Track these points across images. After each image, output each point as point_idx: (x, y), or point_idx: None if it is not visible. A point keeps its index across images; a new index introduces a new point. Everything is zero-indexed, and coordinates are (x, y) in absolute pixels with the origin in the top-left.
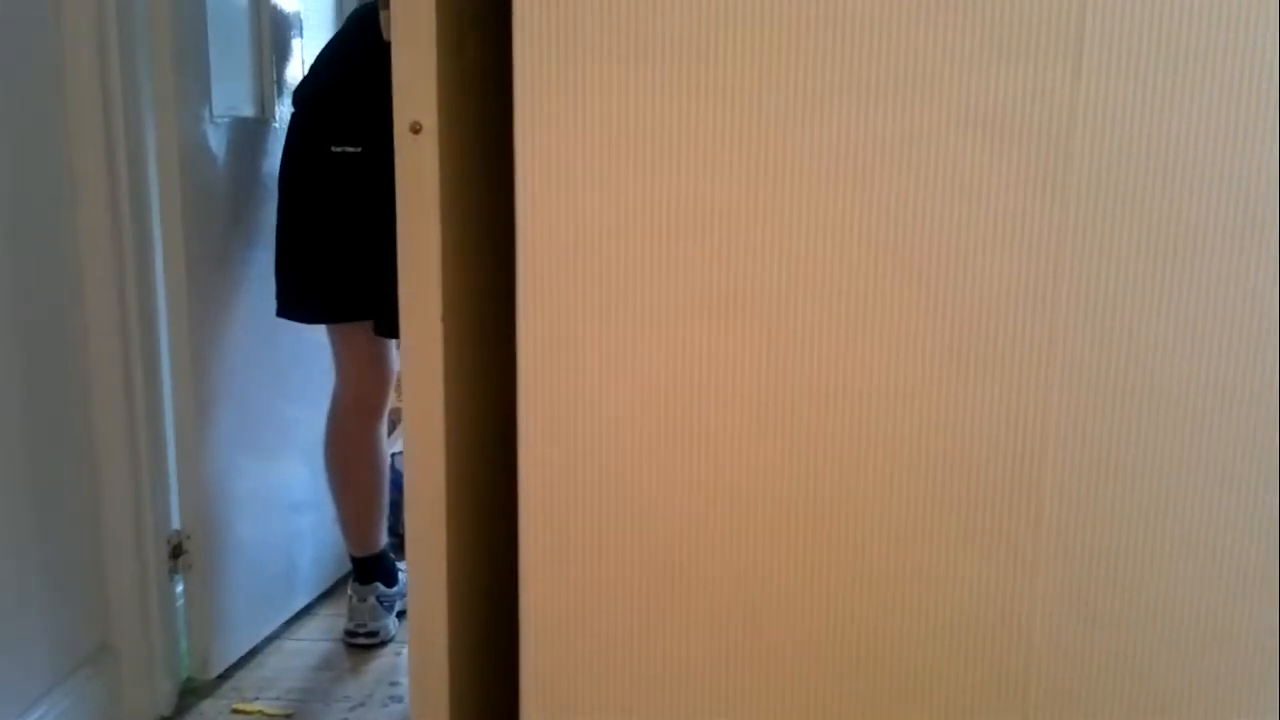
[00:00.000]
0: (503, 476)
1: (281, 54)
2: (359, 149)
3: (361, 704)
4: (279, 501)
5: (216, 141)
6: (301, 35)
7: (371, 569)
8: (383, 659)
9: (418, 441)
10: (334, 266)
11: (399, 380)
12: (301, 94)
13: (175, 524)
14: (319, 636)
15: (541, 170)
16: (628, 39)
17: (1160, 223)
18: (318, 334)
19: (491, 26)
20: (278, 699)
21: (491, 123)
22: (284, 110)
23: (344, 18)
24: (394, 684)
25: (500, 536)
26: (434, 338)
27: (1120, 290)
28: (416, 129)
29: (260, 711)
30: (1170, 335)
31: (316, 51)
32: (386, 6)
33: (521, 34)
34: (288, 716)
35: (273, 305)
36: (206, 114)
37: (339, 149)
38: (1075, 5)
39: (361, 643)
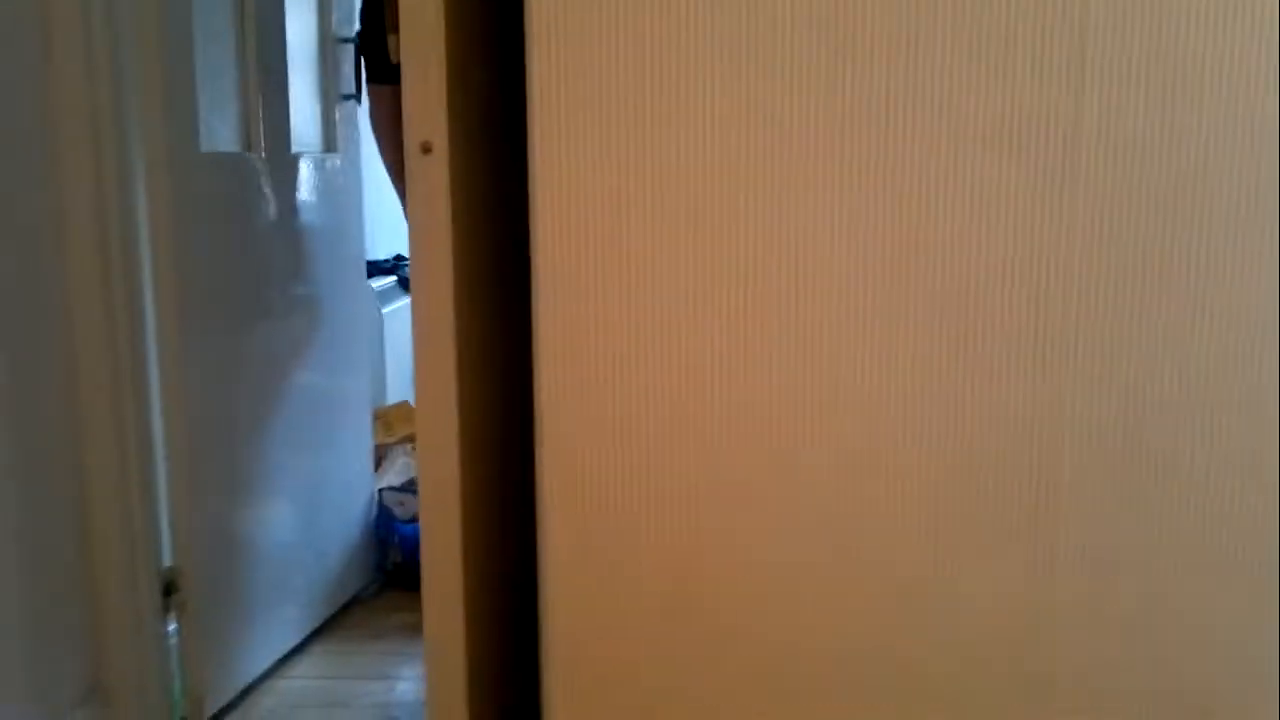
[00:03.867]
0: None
1: (268, 92)
2: None
3: None
4: (270, 541)
5: (203, 178)
6: (287, 78)
7: None
8: (376, 694)
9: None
10: None
11: (386, 416)
12: None
13: (167, 561)
14: (313, 674)
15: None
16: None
17: (1163, 225)
18: (307, 376)
19: (495, 48)
20: None
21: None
22: (267, 146)
23: (329, 57)
24: (392, 718)
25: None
26: (448, 345)
27: (1128, 288)
28: (427, 149)
29: None
30: (1180, 330)
31: (304, 91)
32: (395, 31)
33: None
34: None
35: (264, 341)
36: (193, 150)
37: None
38: (1077, 24)
39: None
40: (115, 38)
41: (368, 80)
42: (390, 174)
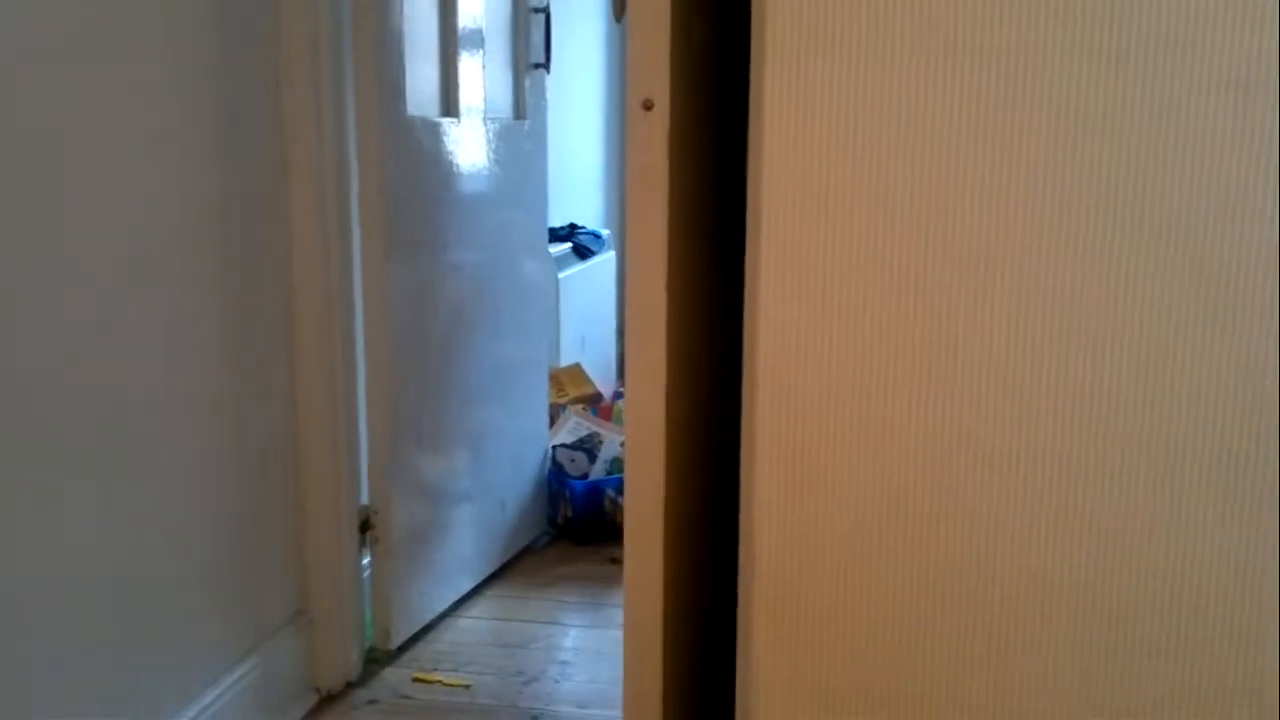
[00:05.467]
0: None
1: (466, 61)
2: None
3: (534, 679)
4: (453, 488)
5: (407, 138)
6: (483, 47)
7: None
8: (551, 637)
9: (639, 396)
10: None
11: (559, 378)
12: None
13: (364, 500)
14: (490, 616)
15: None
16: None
17: None
18: (491, 334)
19: (715, 9)
20: (455, 671)
21: (712, 99)
22: (468, 109)
23: (521, 27)
24: (564, 662)
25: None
26: (659, 304)
27: None
28: (648, 105)
29: (440, 681)
30: None
31: (498, 59)
32: None
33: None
34: (466, 687)
35: (454, 298)
36: (401, 113)
37: None
38: None
39: None
40: (335, 7)
41: None
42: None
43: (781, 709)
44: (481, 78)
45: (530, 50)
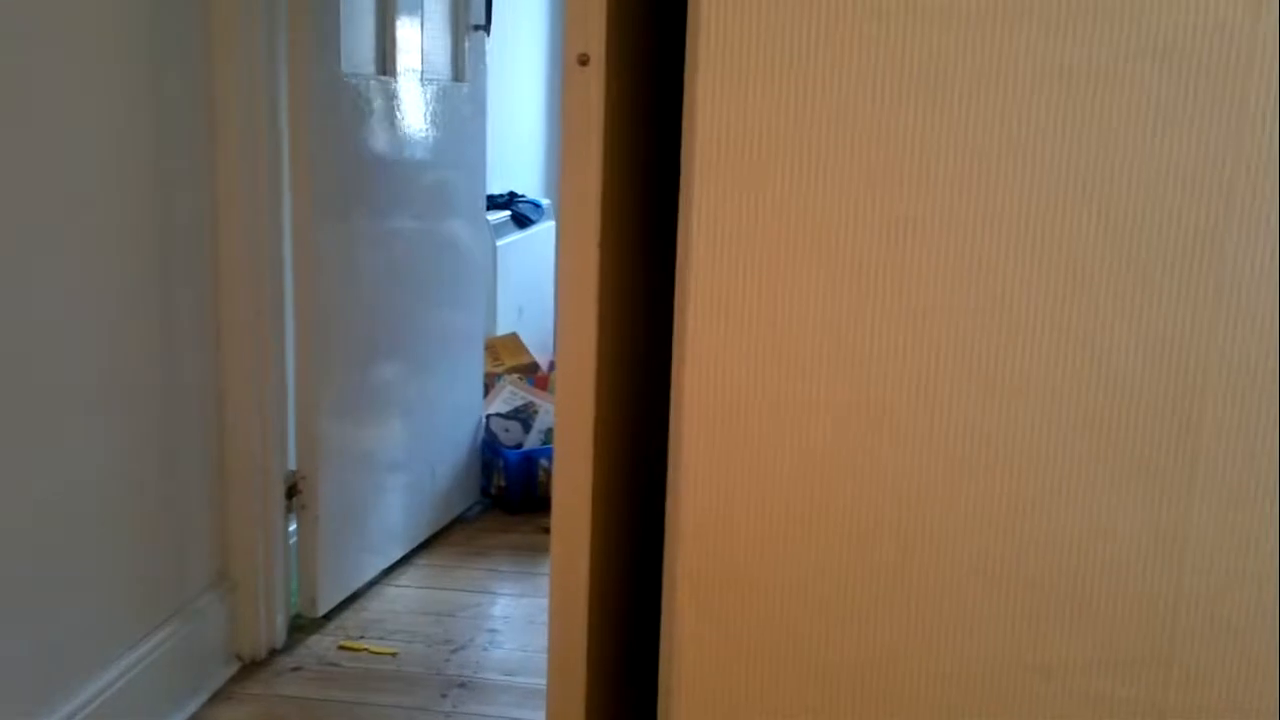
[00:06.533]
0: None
1: (403, 20)
2: None
3: (462, 648)
4: (384, 455)
5: (342, 95)
6: (422, 6)
7: None
8: (481, 606)
9: (569, 352)
10: None
11: (495, 347)
12: None
13: (291, 465)
14: (418, 584)
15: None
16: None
17: None
18: (425, 300)
19: None
20: (382, 639)
21: (651, 54)
22: (405, 68)
23: None
24: (493, 630)
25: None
26: (590, 263)
27: None
28: (584, 60)
29: (366, 649)
30: None
31: (437, 19)
32: None
33: None
34: (392, 655)
35: (388, 263)
36: (335, 69)
37: None
38: None
39: None
40: None
41: None
42: None
43: (705, 674)
44: (420, 37)
45: (470, 11)
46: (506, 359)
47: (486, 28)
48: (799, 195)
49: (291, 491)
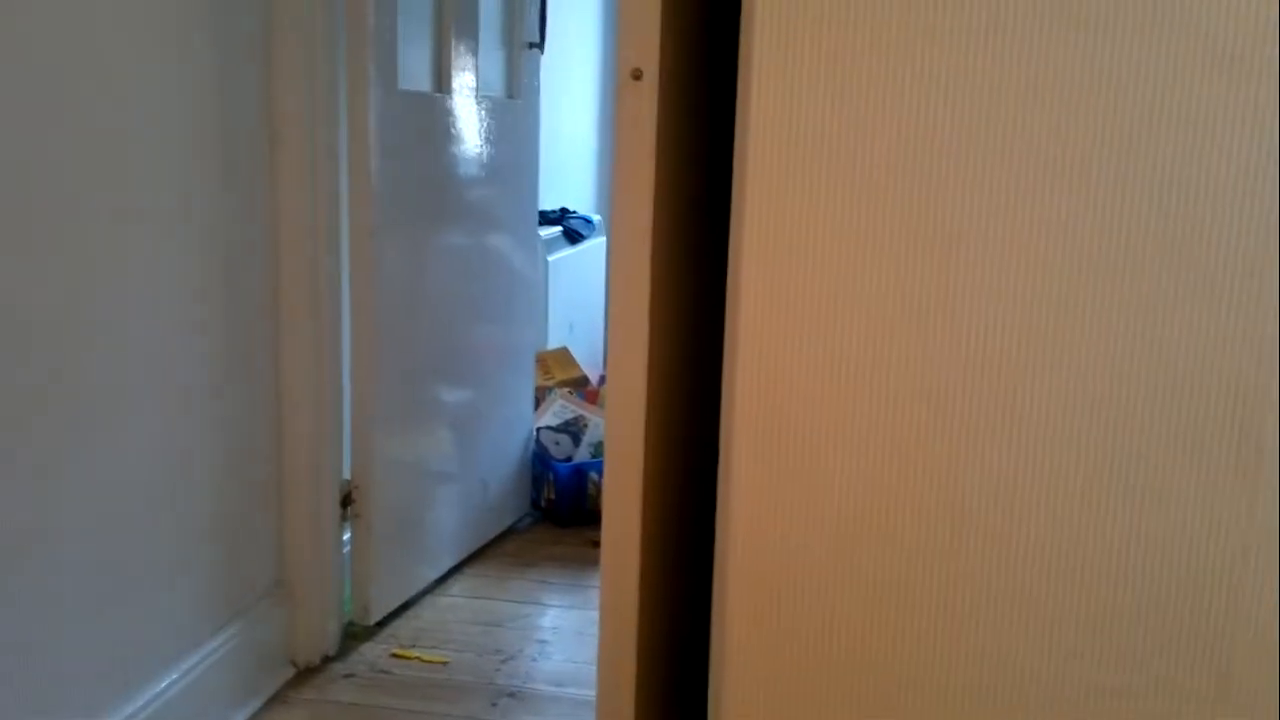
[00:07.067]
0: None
1: (459, 38)
2: None
3: (512, 658)
4: (436, 466)
5: (399, 112)
6: (477, 23)
7: None
8: (530, 617)
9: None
10: None
11: (546, 361)
12: None
13: (346, 475)
14: (469, 594)
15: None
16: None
17: None
18: (478, 315)
19: None
20: (433, 648)
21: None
22: (460, 86)
23: (516, 6)
24: (542, 641)
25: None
26: (642, 279)
27: None
28: (637, 75)
29: (418, 658)
30: None
31: (493, 37)
32: None
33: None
34: (443, 664)
35: (442, 278)
36: (393, 87)
37: None
38: None
39: None
40: None
41: None
42: None
43: (754, 685)
44: (475, 55)
45: (525, 29)
46: (557, 373)
47: (541, 45)
48: (850, 201)
49: (346, 501)
